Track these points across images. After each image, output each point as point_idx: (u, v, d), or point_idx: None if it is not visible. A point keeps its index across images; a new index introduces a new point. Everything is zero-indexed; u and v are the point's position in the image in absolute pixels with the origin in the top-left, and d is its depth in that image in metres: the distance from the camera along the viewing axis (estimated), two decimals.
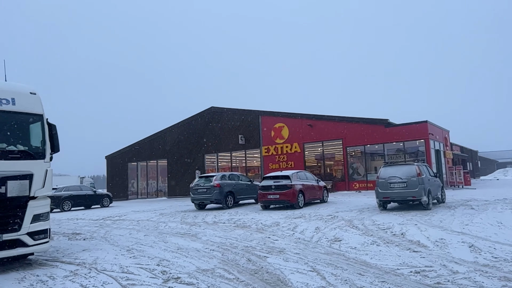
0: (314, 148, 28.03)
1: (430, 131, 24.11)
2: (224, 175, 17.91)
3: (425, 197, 12.22)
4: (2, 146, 6.93)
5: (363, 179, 25.63)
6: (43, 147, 7.31)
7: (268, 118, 29.42)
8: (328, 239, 8.38)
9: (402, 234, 8.47)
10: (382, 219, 10.79)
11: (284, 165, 28.10)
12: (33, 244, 6.88)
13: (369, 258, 6.56)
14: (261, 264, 6.38)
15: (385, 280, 5.24)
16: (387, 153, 25.19)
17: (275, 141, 28.82)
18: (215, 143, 31.83)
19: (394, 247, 7.34)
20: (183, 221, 12.91)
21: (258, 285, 5.25)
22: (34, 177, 6.95)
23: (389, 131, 24.84)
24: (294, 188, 14.79)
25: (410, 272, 5.63)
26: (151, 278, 5.81)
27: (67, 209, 22.33)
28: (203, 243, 8.58)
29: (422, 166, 13.26)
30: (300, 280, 5.39)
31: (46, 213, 7.26)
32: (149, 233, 10.52)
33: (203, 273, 5.98)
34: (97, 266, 6.74)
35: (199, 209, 17.39)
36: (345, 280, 5.32)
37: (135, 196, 36.13)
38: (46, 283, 5.79)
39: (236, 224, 11.42)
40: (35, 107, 7.36)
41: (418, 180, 12.29)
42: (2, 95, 6.89)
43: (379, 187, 12.89)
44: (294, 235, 9.15)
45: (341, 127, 26.35)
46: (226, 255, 7.20)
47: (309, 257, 6.79)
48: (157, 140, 35.16)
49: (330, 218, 11.52)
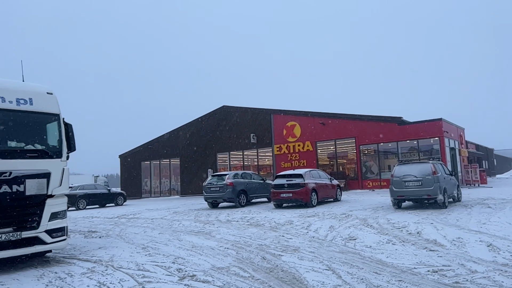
0: (327, 146, 27.88)
1: (445, 129, 23.76)
2: (237, 173, 17.94)
3: (440, 195, 12.06)
4: (20, 145, 7.07)
5: (377, 178, 25.41)
6: (60, 146, 7.41)
7: (280, 116, 29.36)
8: (342, 238, 8.33)
9: (418, 233, 8.37)
10: (397, 217, 10.69)
11: (296, 163, 28.01)
12: (51, 242, 6.99)
13: (385, 257, 6.50)
14: (276, 263, 6.37)
15: (402, 279, 5.19)
16: (400, 151, 24.91)
17: (287, 140, 28.75)
18: (227, 142, 31.91)
19: (410, 246, 7.26)
20: (196, 220, 12.97)
21: (273, 283, 5.24)
22: (52, 176, 7.05)
23: (403, 129, 24.55)
24: (307, 187, 14.74)
25: (428, 271, 5.56)
26: (167, 276, 5.85)
27: (82, 207, 22.65)
28: (217, 241, 8.61)
29: (437, 164, 13.09)
30: (316, 278, 5.36)
31: (63, 211, 7.37)
32: (163, 231, 10.60)
33: (218, 271, 6.00)
34: (114, 263, 6.82)
35: (212, 207, 17.46)
36: (361, 279, 5.28)
37: (148, 194, 36.46)
38: (65, 280, 5.88)
39: (250, 223, 11.43)
40: (52, 107, 7.47)
41: (434, 179, 12.13)
42: (20, 95, 7.01)
43: (393, 185, 12.76)
44: (308, 233, 9.12)
45: (354, 125, 26.15)
46: (241, 253, 7.21)
47: (324, 255, 6.76)
48: (169, 139, 35.40)
49: (344, 216, 11.45)
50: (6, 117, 6.79)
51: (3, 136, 6.80)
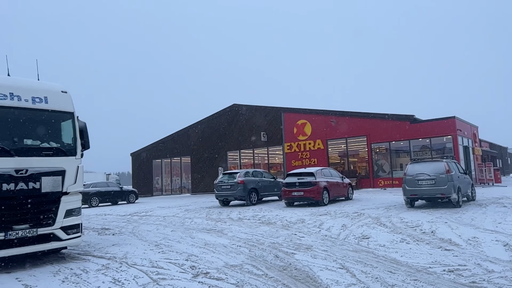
0: (338, 145, 27.73)
1: (458, 127, 23.45)
2: (248, 172, 17.95)
3: (454, 194, 11.90)
4: (36, 143, 7.17)
5: (388, 176, 25.20)
6: (74, 144, 7.49)
7: (291, 114, 29.28)
8: (355, 237, 8.27)
9: (432, 232, 8.28)
10: (410, 216, 10.58)
11: (307, 162, 27.93)
12: (66, 239, 7.08)
13: (399, 256, 6.44)
14: (289, 261, 6.35)
15: (418, 279, 5.13)
16: (413, 149, 24.66)
17: (298, 138, 28.67)
18: (237, 140, 31.95)
19: (424, 245, 7.17)
20: (208, 217, 13.02)
21: (287, 282, 5.23)
22: (66, 173, 7.14)
23: (415, 127, 24.30)
24: (319, 185, 14.68)
25: (443, 270, 5.49)
26: (180, 273, 5.88)
27: (95, 205, 22.90)
28: (229, 239, 8.63)
29: (451, 162, 12.92)
30: (330, 277, 5.34)
31: (78, 208, 7.46)
32: (175, 229, 10.66)
33: (232, 269, 6.01)
34: (128, 260, 6.88)
35: (223, 205, 17.50)
36: (376, 278, 5.23)
37: (159, 192, 36.71)
38: (80, 276, 5.95)
39: (261, 221, 11.43)
40: (66, 105, 7.55)
41: (447, 177, 11.98)
42: (35, 94, 7.10)
43: (406, 184, 12.63)
44: (320, 232, 9.08)
45: (365, 123, 25.96)
46: (253, 251, 7.21)
47: (337, 254, 6.72)
48: (180, 137, 35.57)
49: (356, 215, 11.38)
50: (22, 115, 6.89)
51: (19, 134, 6.90)
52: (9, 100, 6.72)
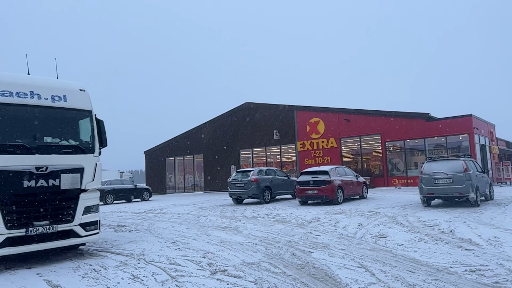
0: (351, 143, 27.52)
1: (475, 125, 23.06)
2: (261, 170, 17.93)
3: (472, 193, 11.70)
4: (56, 141, 7.26)
5: (403, 175, 24.91)
6: (92, 142, 7.58)
7: (304, 113, 29.16)
8: (372, 236, 8.19)
9: (451, 231, 8.15)
10: (427, 215, 10.44)
11: (320, 160, 27.79)
12: (85, 235, 7.18)
13: (418, 256, 6.35)
14: (306, 259, 6.32)
15: (439, 279, 5.05)
16: (428, 148, 24.34)
17: (311, 136, 28.53)
18: (250, 139, 31.95)
19: (444, 244, 7.07)
20: (222, 215, 13.05)
21: (306, 280, 5.20)
22: (85, 171, 7.23)
23: (430, 126, 23.96)
24: (333, 184, 14.58)
25: (465, 270, 5.40)
26: (198, 270, 5.90)
27: (109, 202, 23.16)
28: (245, 237, 8.63)
29: (469, 161, 12.70)
30: (349, 276, 5.29)
31: (96, 205, 7.56)
32: (191, 226, 10.71)
33: (249, 266, 6.00)
34: (145, 257, 6.93)
35: (236, 203, 17.53)
36: (396, 277, 5.17)
37: (172, 190, 36.96)
38: (99, 272, 6.01)
39: (276, 219, 11.41)
40: (85, 103, 7.64)
41: (465, 176, 11.78)
42: (54, 92, 7.20)
43: (423, 183, 12.46)
44: (336, 230, 9.02)
45: (379, 121, 25.70)
46: (270, 249, 7.20)
47: (355, 253, 6.66)
48: (193, 135, 35.73)
49: (372, 214, 11.28)
50: (42, 113, 7.00)
51: (39, 132, 7.01)
52: (29, 98, 6.83)
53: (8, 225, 6.25)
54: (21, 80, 6.93)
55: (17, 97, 6.68)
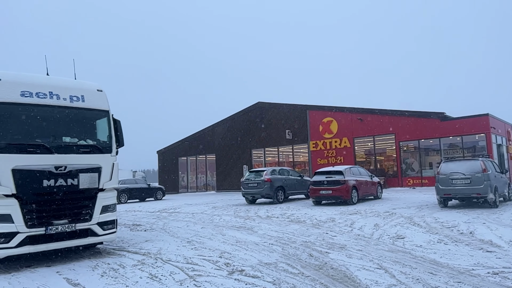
0: (365, 143, 27.27)
1: (491, 125, 22.64)
2: (274, 169, 17.87)
3: (491, 194, 11.48)
4: (74, 140, 7.34)
5: (417, 175, 24.60)
6: (109, 142, 7.64)
7: (316, 112, 29.00)
8: (389, 236, 8.09)
9: (471, 233, 8.00)
10: (444, 216, 10.28)
11: (332, 160, 27.61)
12: (102, 234, 7.24)
13: (438, 257, 6.24)
14: (324, 260, 6.27)
15: (461, 281, 4.95)
16: (443, 148, 23.98)
17: (324, 136, 28.36)
18: (262, 138, 31.92)
19: (464, 246, 6.94)
20: (236, 215, 13.05)
21: (325, 281, 5.15)
22: (103, 170, 7.29)
23: (446, 125, 23.60)
24: (348, 184, 14.46)
25: (487, 273, 5.29)
26: (216, 270, 5.89)
27: (123, 201, 23.35)
28: (260, 237, 8.61)
29: (487, 161, 12.46)
30: (369, 277, 5.22)
31: (113, 204, 7.61)
32: (205, 226, 10.73)
33: (266, 267, 5.97)
34: (162, 256, 6.96)
35: (250, 203, 17.51)
36: (417, 279, 5.09)
37: (185, 189, 37.14)
38: (118, 271, 6.05)
39: (290, 219, 11.36)
40: (102, 103, 7.71)
41: (484, 176, 11.56)
42: (73, 93, 7.28)
43: (439, 183, 12.27)
44: (352, 231, 8.93)
45: (393, 121, 25.42)
46: (286, 250, 7.16)
47: (373, 254, 6.58)
48: (205, 135, 35.85)
49: (388, 214, 11.15)
50: (60, 113, 7.08)
51: (58, 132, 7.10)
52: (48, 98, 6.91)
53: (28, 224, 6.34)
54: (40, 80, 7.02)
55: (37, 98, 6.77)
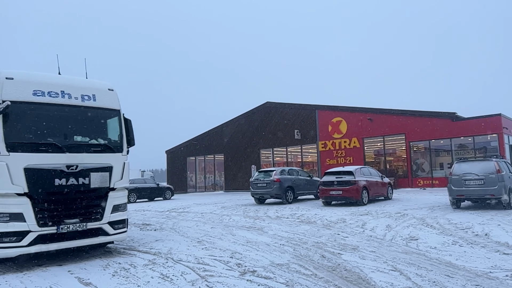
0: (374, 143, 27.07)
1: (504, 125, 22.30)
2: (284, 170, 17.79)
3: (505, 195, 11.27)
4: (85, 139, 7.33)
5: (428, 176, 24.34)
6: (120, 141, 7.62)
7: (325, 112, 28.84)
8: (403, 238, 7.96)
9: (486, 234, 7.84)
10: (458, 218, 10.11)
11: (342, 160, 27.44)
12: (113, 233, 7.22)
13: (454, 259, 6.11)
14: (336, 261, 6.18)
15: (479, 284, 4.83)
16: (454, 148, 23.68)
17: (333, 136, 28.19)
18: (270, 138, 31.83)
19: (479, 248, 6.79)
20: (245, 215, 12.98)
21: (338, 283, 5.06)
22: (114, 170, 7.27)
23: (457, 125, 23.32)
24: (358, 184, 14.32)
25: (506, 276, 5.15)
26: (227, 270, 5.83)
27: (132, 200, 23.42)
28: (271, 237, 8.53)
29: (501, 162, 12.24)
30: (383, 279, 5.12)
31: (124, 204, 7.59)
32: (215, 226, 10.68)
33: (279, 268, 5.90)
34: (173, 256, 6.92)
35: (259, 203, 17.45)
36: (433, 281, 4.97)
37: (193, 189, 37.21)
38: (129, 270, 6.03)
39: (300, 220, 11.27)
40: (113, 102, 7.69)
41: (498, 177, 11.35)
42: (84, 92, 7.27)
43: (452, 184, 12.08)
44: (364, 232, 8.82)
45: (403, 121, 25.17)
46: (298, 250, 7.07)
47: (387, 255, 6.47)
48: (214, 135, 35.88)
49: (399, 216, 11.00)
50: (72, 113, 7.08)
51: (69, 131, 7.09)
52: (60, 98, 6.91)
53: (40, 223, 6.34)
54: (52, 80, 7.03)
55: (49, 97, 6.78)
